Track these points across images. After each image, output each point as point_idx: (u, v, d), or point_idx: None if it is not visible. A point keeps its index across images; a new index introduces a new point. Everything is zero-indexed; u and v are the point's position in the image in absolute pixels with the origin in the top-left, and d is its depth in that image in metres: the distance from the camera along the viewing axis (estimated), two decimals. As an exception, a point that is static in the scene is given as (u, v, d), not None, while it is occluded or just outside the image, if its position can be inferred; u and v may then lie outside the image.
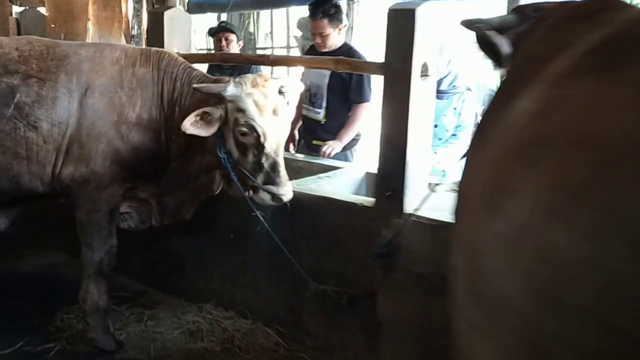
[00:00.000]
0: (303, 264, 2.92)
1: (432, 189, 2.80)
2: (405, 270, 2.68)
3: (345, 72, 3.64)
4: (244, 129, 2.71)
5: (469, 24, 1.91)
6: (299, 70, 4.53)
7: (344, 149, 4.16)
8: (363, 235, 2.79)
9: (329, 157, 3.98)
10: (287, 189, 2.78)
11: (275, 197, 2.77)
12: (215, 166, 2.96)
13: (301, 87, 3.33)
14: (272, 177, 2.76)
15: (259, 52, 6.91)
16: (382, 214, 2.73)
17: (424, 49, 2.56)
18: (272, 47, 6.98)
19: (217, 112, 2.73)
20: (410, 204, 2.68)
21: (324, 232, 2.95)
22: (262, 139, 2.72)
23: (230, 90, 2.70)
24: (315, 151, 4.06)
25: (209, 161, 2.95)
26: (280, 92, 2.91)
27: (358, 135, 4.30)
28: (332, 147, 4.01)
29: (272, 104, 2.77)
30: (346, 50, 4.00)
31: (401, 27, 2.53)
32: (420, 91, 2.59)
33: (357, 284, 2.85)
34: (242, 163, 2.79)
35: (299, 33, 6.05)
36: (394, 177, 2.67)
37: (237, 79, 2.77)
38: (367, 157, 4.94)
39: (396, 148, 2.64)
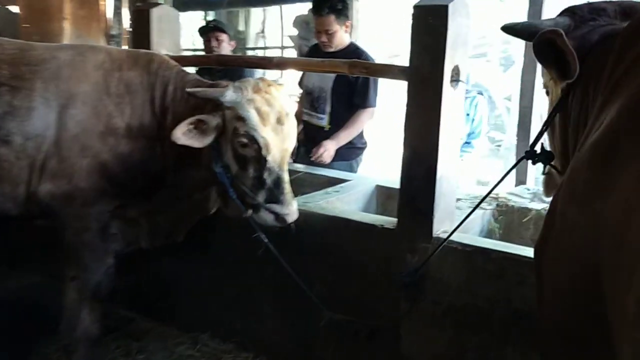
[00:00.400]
0: (314, 291, 2.60)
1: (459, 207, 2.51)
2: (434, 301, 2.38)
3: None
4: (244, 140, 2.38)
5: (515, 30, 1.61)
6: (295, 71, 4.19)
7: (349, 158, 3.84)
8: (384, 260, 2.48)
9: (323, 161, 3.66)
10: (292, 208, 2.45)
11: (279, 217, 2.44)
12: (211, 182, 2.62)
13: (299, 91, 3.03)
14: (275, 195, 2.43)
15: (249, 52, 6.55)
16: (406, 237, 2.42)
17: (456, 51, 2.25)
18: (265, 47, 6.62)
19: (214, 121, 2.40)
20: (439, 226, 2.38)
21: (339, 257, 2.63)
22: (264, 152, 2.39)
23: (230, 95, 2.37)
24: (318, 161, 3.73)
25: (204, 176, 2.62)
26: None
27: (364, 144, 4.00)
28: (326, 148, 3.69)
29: (276, 112, 2.44)
30: (353, 51, 3.69)
31: (431, 26, 2.22)
32: (451, 99, 2.29)
33: (377, 314, 2.54)
34: (242, 178, 2.46)
35: (296, 32, 5.69)
36: (421, 195, 2.36)
37: (236, 83, 2.45)
38: (371, 168, 4.66)
39: (424, 163, 2.33)
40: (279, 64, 2.90)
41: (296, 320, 2.79)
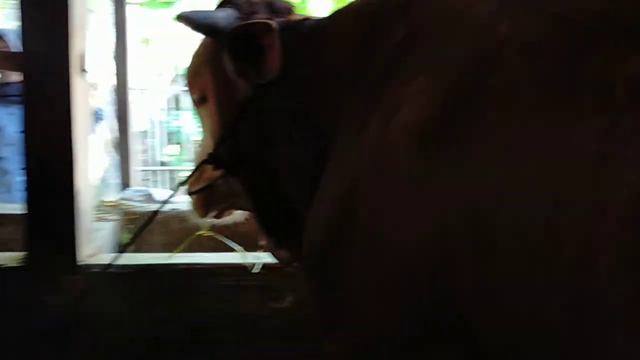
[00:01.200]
0: None
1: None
2: (93, 342, 1.94)
3: None
4: None
5: (193, 21, 1.40)
6: None
7: None
8: (16, 310, 1.87)
9: None
10: None
11: None
12: None
13: None
14: None
15: None
16: (43, 273, 1.89)
17: (81, 35, 1.84)
18: None
19: None
20: (82, 251, 1.94)
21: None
22: None
23: None
24: None
25: None
26: None
27: None
28: None
29: None
30: None
31: (50, 5, 1.74)
32: (81, 93, 1.86)
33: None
34: None
35: None
36: (57, 217, 1.86)
37: None
38: None
39: (57, 175, 1.83)
40: None
41: None
